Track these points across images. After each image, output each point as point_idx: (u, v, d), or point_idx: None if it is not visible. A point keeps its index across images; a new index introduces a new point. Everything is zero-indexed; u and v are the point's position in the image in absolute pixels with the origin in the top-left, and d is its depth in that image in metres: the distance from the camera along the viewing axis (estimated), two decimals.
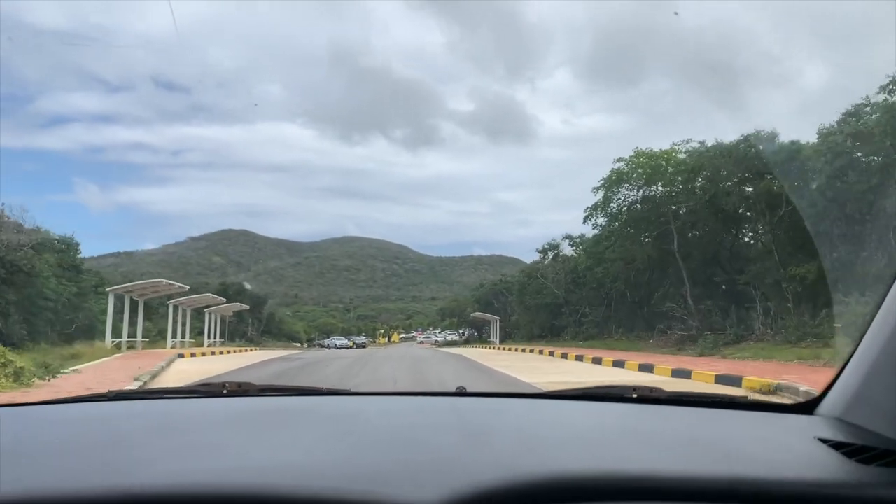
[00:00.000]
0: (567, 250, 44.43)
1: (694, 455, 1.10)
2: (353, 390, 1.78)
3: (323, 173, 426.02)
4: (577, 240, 42.19)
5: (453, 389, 1.72)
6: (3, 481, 0.91)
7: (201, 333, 45.27)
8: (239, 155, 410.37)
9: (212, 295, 39.45)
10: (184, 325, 39.78)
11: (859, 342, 1.26)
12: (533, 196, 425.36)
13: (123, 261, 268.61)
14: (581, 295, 39.38)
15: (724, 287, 25.15)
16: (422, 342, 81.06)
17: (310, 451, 1.11)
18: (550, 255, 46.52)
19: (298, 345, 69.38)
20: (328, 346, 66.34)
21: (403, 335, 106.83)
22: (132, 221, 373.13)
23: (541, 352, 28.58)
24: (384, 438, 1.22)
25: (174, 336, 36.11)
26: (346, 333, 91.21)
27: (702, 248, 26.44)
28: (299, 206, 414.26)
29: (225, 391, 1.65)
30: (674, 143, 27.67)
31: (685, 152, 26.81)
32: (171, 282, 36.29)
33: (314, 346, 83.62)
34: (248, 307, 49.92)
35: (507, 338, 52.90)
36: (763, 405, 1.59)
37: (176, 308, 37.82)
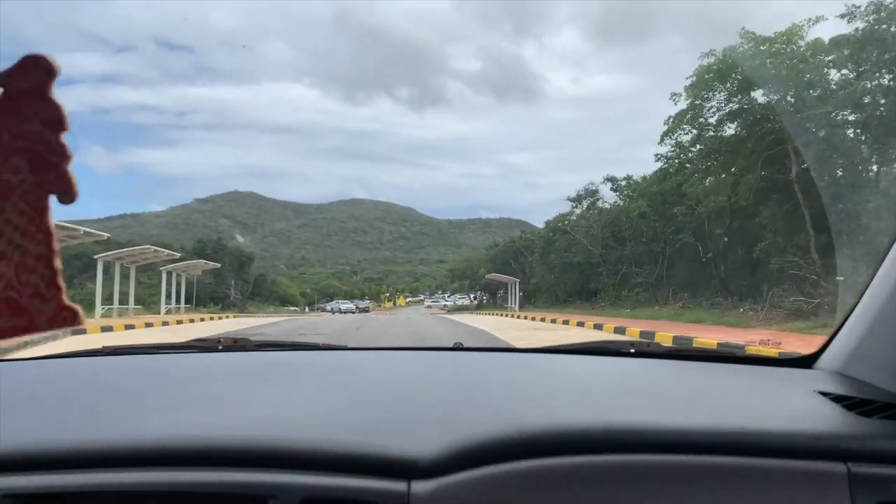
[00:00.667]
0: (607, 197, 35.79)
1: (693, 407, 1.09)
2: (351, 346, 1.75)
3: (329, 135, 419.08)
4: (623, 182, 33.95)
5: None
6: (6, 434, 0.90)
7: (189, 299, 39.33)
8: (245, 116, 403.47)
9: (161, 251, 32.19)
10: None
11: (861, 296, 1.24)
12: (542, 158, 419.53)
13: (130, 223, 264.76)
14: (623, 252, 31.59)
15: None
16: (429, 306, 74.11)
17: (307, 404, 1.09)
18: (586, 203, 38.04)
19: (296, 309, 62.56)
20: (332, 311, 60.67)
21: (410, 299, 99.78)
22: (139, 183, 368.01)
23: (580, 324, 20.60)
24: (382, 392, 1.20)
25: (123, 302, 29.03)
26: (351, 297, 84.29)
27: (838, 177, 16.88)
28: (306, 167, 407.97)
29: (220, 346, 1.63)
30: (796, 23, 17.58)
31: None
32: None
33: (316, 310, 77.51)
34: (217, 265, 41.96)
35: (525, 302, 45.86)
36: (762, 359, 1.55)
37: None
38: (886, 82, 15.84)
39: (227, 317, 35.83)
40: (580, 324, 20.41)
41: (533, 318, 28.08)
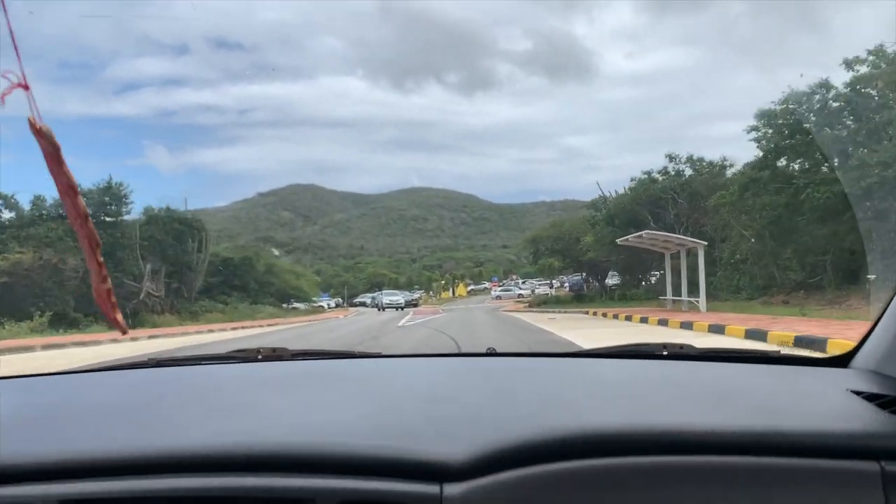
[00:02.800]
0: None
1: (725, 408, 1.05)
2: (384, 353, 1.75)
3: (386, 126, 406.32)
4: None
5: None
6: (59, 443, 0.94)
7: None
8: (303, 111, 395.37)
9: None
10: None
11: (895, 294, 1.20)
12: (601, 140, 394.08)
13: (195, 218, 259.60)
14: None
15: None
16: (498, 297, 55.95)
17: (343, 410, 1.10)
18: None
19: (303, 307, 45.36)
20: (377, 306, 45.58)
21: (472, 286, 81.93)
22: (203, 181, 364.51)
23: None
24: (415, 397, 1.20)
25: None
26: (397, 286, 67.55)
27: None
28: (364, 160, 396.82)
29: (259, 356, 1.64)
30: None
31: None
32: None
33: (356, 304, 61.23)
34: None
35: (690, 292, 26.56)
36: (795, 359, 1.52)
37: None
38: None
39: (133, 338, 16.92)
40: None
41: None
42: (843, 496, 0.84)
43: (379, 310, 42.76)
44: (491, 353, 1.66)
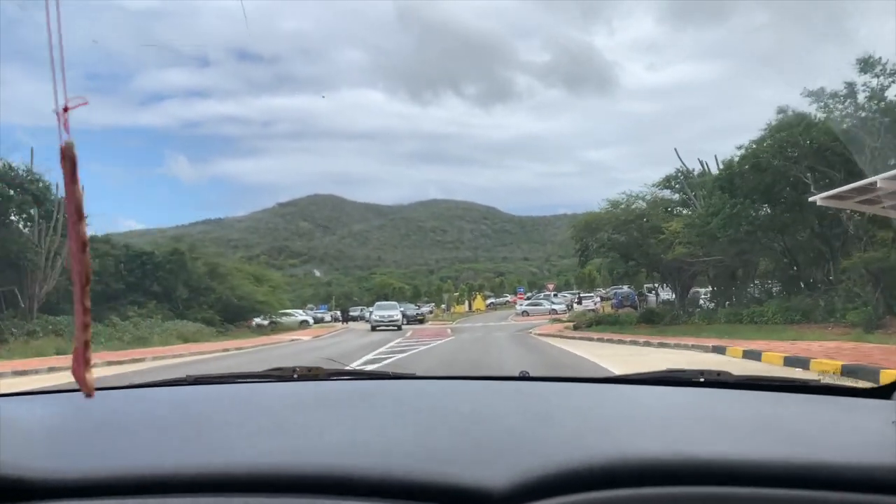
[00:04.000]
0: None
1: (764, 438, 1.02)
2: (419, 374, 1.75)
3: (406, 139, 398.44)
4: None
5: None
6: (102, 460, 0.94)
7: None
8: (324, 123, 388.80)
9: None
10: None
11: None
12: (622, 154, 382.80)
13: (213, 228, 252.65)
14: None
15: None
16: (525, 312, 44.40)
17: (380, 431, 1.09)
18: None
19: (262, 323, 34.37)
20: (369, 321, 35.24)
21: (492, 300, 70.05)
22: (225, 191, 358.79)
23: None
24: (452, 420, 1.19)
25: None
26: (405, 298, 56.00)
27: None
28: (385, 172, 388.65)
29: (296, 375, 1.65)
30: None
31: None
32: None
33: (353, 318, 50.11)
34: None
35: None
36: (837, 389, 1.46)
37: None
38: None
39: None
40: None
41: None
42: None
43: (371, 328, 31.84)
44: (525, 378, 1.62)
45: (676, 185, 24.09)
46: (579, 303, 39.65)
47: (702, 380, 1.47)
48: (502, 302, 71.89)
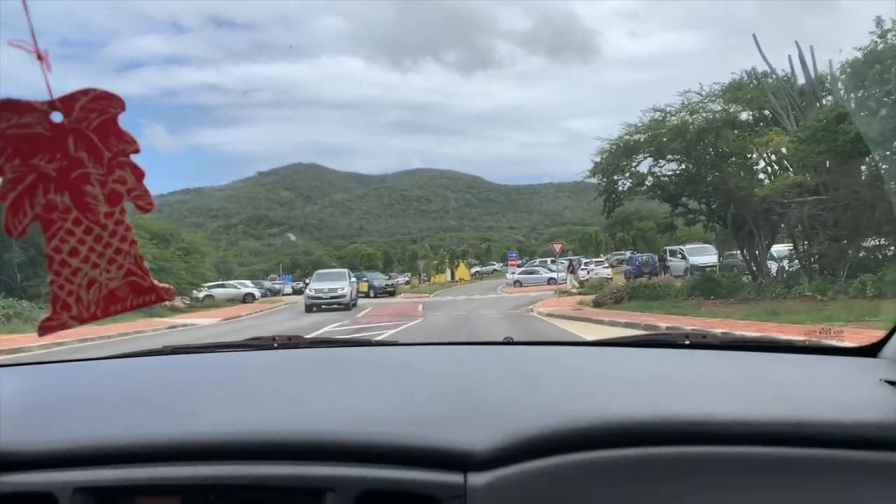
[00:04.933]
0: None
1: (752, 398, 1.01)
2: (402, 341, 1.72)
3: (388, 108, 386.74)
4: None
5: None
6: (76, 430, 0.92)
7: None
8: (305, 92, 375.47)
9: None
10: None
11: None
12: (607, 124, 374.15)
13: (192, 197, 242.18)
14: None
15: None
16: (517, 283, 36.15)
17: (362, 398, 1.07)
18: None
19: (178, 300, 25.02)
20: (309, 295, 24.22)
21: (478, 268, 61.86)
22: (205, 161, 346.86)
23: None
24: (435, 386, 1.17)
25: None
26: (372, 268, 48.14)
27: None
28: (367, 142, 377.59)
29: (276, 344, 1.59)
30: None
31: None
32: None
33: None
34: None
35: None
36: (823, 348, 1.43)
37: None
38: None
39: None
40: None
41: None
42: (875, 487, 0.79)
43: (305, 308, 23.21)
44: (509, 342, 1.59)
45: (753, 94, 15.80)
46: (572, 271, 31.82)
47: (687, 342, 1.42)
48: (489, 271, 63.76)
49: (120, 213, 0.61)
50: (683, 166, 17.03)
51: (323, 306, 22.85)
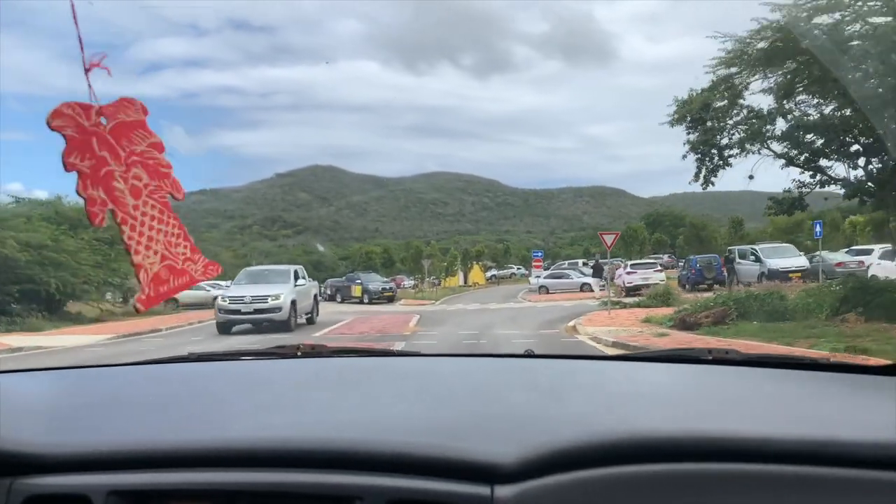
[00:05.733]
0: None
1: (774, 416, 0.99)
2: (424, 352, 1.69)
3: (406, 112, 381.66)
4: None
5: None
6: (110, 434, 0.93)
7: None
8: (323, 95, 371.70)
9: None
10: None
11: None
12: (623, 129, 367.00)
13: (209, 198, 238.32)
14: None
15: None
16: (543, 288, 28.55)
17: (387, 408, 1.07)
18: None
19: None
20: (222, 306, 15.07)
21: (494, 272, 53.93)
22: (225, 164, 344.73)
23: None
24: (459, 397, 1.16)
25: None
26: (371, 268, 41.18)
27: None
28: (385, 145, 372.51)
29: (300, 353, 1.58)
30: None
31: None
32: None
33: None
34: None
35: None
36: (848, 367, 1.40)
37: None
38: None
39: None
40: None
41: None
42: None
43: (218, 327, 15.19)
44: (531, 355, 1.56)
45: None
46: (598, 275, 24.60)
47: (710, 357, 1.39)
48: (507, 274, 56.48)
49: (144, 206, 0.68)
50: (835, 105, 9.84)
51: (241, 324, 15.02)
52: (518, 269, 59.06)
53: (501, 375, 1.34)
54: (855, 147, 10.60)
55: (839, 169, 11.20)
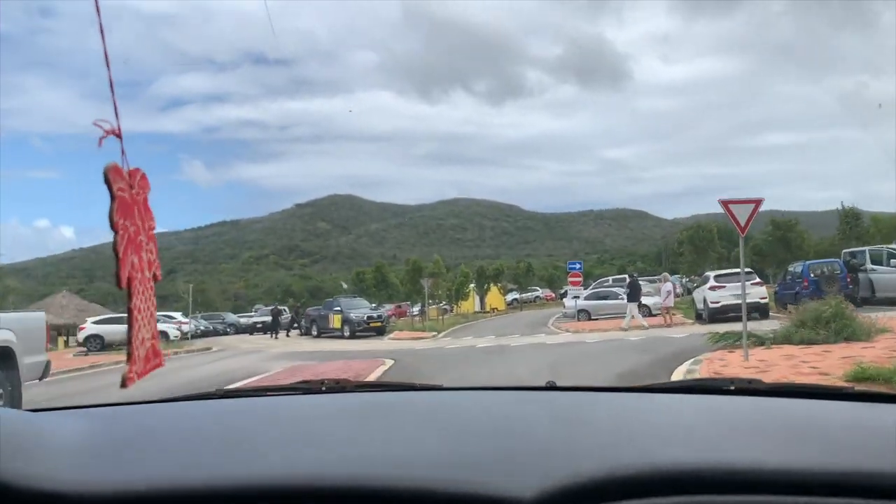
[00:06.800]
0: None
1: (801, 446, 0.96)
2: (446, 385, 1.69)
3: (424, 140, 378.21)
4: None
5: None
6: (142, 472, 0.92)
7: None
8: (342, 126, 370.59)
9: None
10: None
11: None
12: (642, 152, 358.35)
13: (229, 229, 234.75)
14: None
15: None
16: (583, 313, 20.53)
17: (410, 442, 1.07)
18: None
19: None
20: None
21: (516, 295, 46.02)
22: (245, 196, 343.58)
23: None
24: (480, 430, 1.15)
25: None
26: (358, 295, 33.39)
27: None
28: (404, 174, 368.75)
29: (324, 388, 1.60)
30: None
31: None
32: None
33: (272, 328, 28.16)
34: None
35: None
36: (873, 395, 1.38)
37: None
38: None
39: None
40: None
41: None
42: None
43: None
44: (552, 387, 1.55)
45: None
46: (635, 297, 16.97)
47: (732, 388, 1.38)
48: (531, 298, 48.37)
49: (149, 281, 0.70)
50: None
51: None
52: (542, 291, 50.87)
53: (523, 408, 1.32)
54: None
55: None
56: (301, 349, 17.56)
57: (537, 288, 51.90)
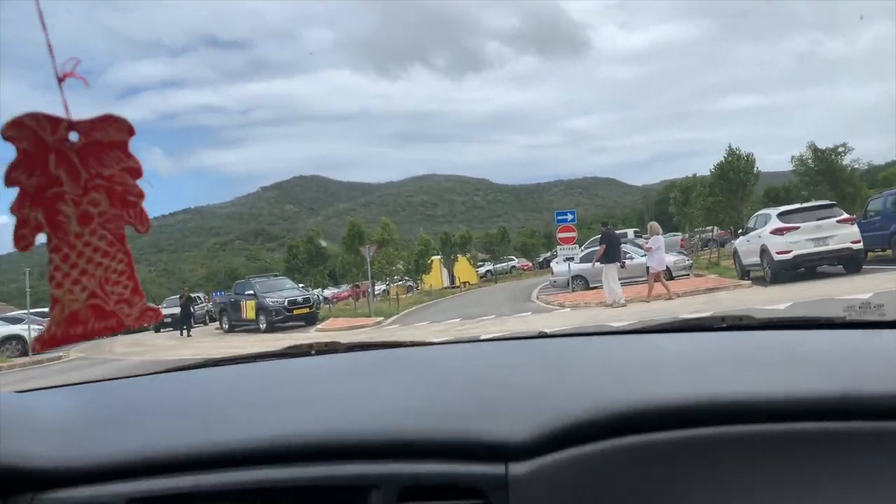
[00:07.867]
0: None
1: (796, 374, 0.95)
2: (435, 341, 1.71)
3: (388, 119, 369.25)
4: None
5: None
6: (127, 443, 0.92)
7: None
8: (304, 107, 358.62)
9: None
10: None
11: None
12: (607, 121, 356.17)
13: (194, 217, 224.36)
14: None
15: None
16: (574, 277, 12.89)
17: (399, 396, 1.06)
18: None
19: None
20: None
21: (489, 266, 40.75)
22: (209, 183, 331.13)
23: None
24: (470, 380, 1.15)
25: None
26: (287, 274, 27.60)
27: None
28: (370, 153, 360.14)
29: (313, 351, 1.58)
30: None
31: None
32: None
33: (185, 323, 21.77)
34: None
35: None
36: (865, 323, 1.33)
37: None
38: None
39: None
40: None
41: None
42: None
43: None
44: (542, 335, 1.57)
45: None
46: (613, 258, 11.32)
47: (724, 325, 1.36)
48: (507, 268, 42.88)
49: (90, 235, 0.59)
50: None
51: None
52: (518, 261, 45.51)
53: (512, 357, 1.31)
54: None
55: None
56: (166, 355, 11.76)
57: (513, 257, 46.38)
